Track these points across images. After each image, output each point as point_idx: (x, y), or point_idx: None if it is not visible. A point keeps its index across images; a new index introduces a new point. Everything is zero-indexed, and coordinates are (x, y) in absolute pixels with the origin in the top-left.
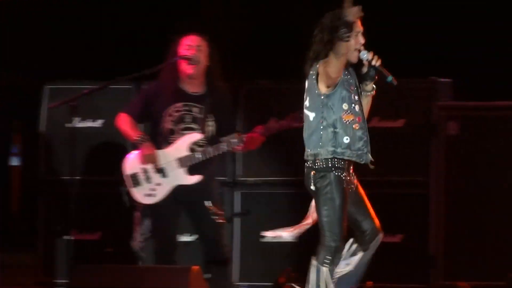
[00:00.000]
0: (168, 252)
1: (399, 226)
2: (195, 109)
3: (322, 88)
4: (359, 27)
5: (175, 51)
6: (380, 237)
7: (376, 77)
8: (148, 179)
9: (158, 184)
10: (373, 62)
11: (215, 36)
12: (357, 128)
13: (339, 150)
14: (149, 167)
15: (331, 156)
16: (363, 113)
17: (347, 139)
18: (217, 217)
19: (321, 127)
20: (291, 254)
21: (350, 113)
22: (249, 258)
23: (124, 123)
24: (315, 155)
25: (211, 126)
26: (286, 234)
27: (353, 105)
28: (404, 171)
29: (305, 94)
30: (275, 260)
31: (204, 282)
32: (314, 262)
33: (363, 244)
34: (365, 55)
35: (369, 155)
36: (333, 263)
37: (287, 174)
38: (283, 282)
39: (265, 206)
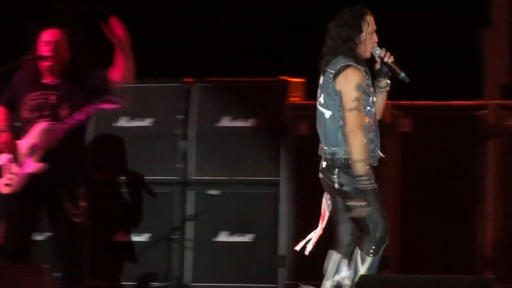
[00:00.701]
0: (22, 249)
1: (250, 226)
2: (51, 97)
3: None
4: (374, 24)
5: (34, 46)
6: (387, 242)
7: (390, 73)
8: (7, 168)
9: (14, 174)
10: (385, 59)
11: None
12: (372, 130)
13: None
14: (9, 156)
15: (347, 157)
16: (375, 114)
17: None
18: (72, 215)
19: (338, 126)
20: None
21: (366, 115)
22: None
23: None
24: (333, 154)
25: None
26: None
27: (369, 107)
28: (255, 171)
29: (319, 90)
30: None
31: (53, 282)
32: (359, 252)
33: (376, 247)
34: (378, 52)
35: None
36: (378, 253)
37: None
38: None
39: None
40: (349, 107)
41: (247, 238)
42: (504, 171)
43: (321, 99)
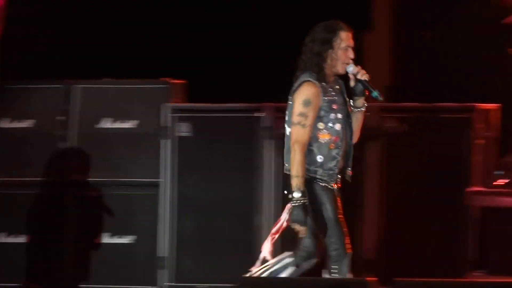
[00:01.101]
0: None
1: (130, 228)
2: None
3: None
4: (349, 41)
5: None
6: (314, 262)
7: (366, 93)
8: None
9: None
10: (359, 76)
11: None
12: (332, 147)
13: (312, 168)
14: None
15: (310, 175)
16: (347, 131)
17: (320, 158)
18: None
19: None
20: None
21: (326, 132)
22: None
23: None
24: (289, 171)
25: None
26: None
27: (330, 123)
28: (135, 172)
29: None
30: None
31: None
32: (323, 274)
33: (297, 258)
34: (351, 69)
35: (348, 170)
36: (342, 272)
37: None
38: None
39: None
40: (293, 121)
41: (127, 239)
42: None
43: (286, 117)
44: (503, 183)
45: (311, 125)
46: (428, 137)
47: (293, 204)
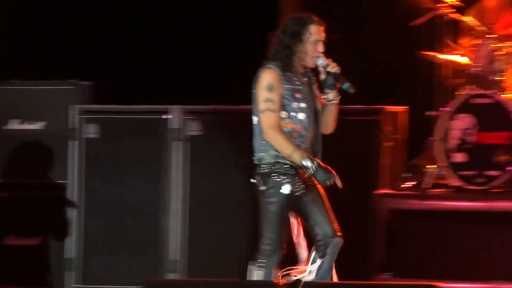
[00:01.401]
0: None
1: (38, 229)
2: None
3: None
4: (319, 35)
5: None
6: (337, 242)
7: (338, 85)
8: None
9: None
10: (329, 69)
11: None
12: (295, 136)
13: (274, 154)
14: None
15: (273, 161)
16: (314, 121)
17: None
18: None
19: (261, 131)
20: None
21: (289, 121)
22: None
23: None
24: (260, 159)
25: None
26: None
27: (293, 112)
28: (43, 174)
29: None
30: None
31: None
32: (250, 265)
33: (318, 251)
34: (321, 62)
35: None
36: (269, 267)
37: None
38: None
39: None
40: (260, 108)
41: (34, 241)
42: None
43: (253, 106)
44: (410, 185)
45: (279, 109)
46: (337, 139)
47: (312, 172)
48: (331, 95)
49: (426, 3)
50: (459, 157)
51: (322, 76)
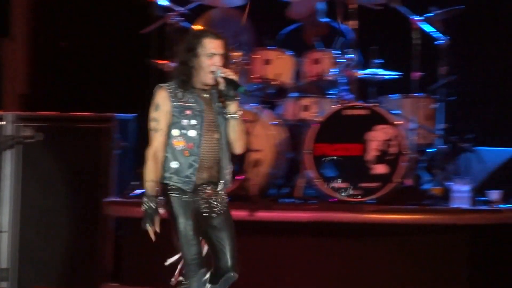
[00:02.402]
0: None
1: None
2: None
3: None
4: (214, 48)
5: None
6: (231, 276)
7: (237, 97)
8: None
9: None
10: (223, 75)
11: None
12: (187, 154)
13: (167, 175)
14: None
15: (164, 182)
16: (209, 139)
17: (176, 164)
18: None
19: None
20: None
21: (181, 140)
22: None
23: None
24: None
25: None
26: None
27: (184, 130)
28: None
29: None
30: None
31: None
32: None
33: (213, 277)
34: (218, 73)
35: (221, 183)
36: (192, 286)
37: None
38: None
39: None
40: (149, 127)
41: None
42: (21, 181)
43: None
44: (138, 193)
45: (164, 129)
46: (66, 147)
47: (143, 210)
48: (231, 108)
49: (156, 12)
50: None
51: (221, 87)
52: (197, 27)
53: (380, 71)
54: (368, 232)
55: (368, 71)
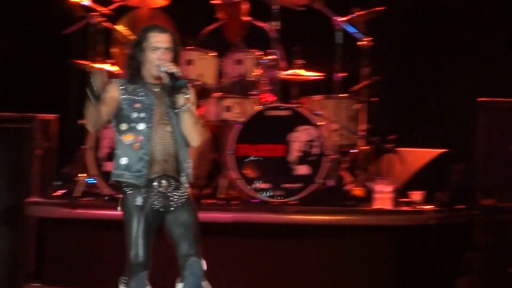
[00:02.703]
0: None
1: None
2: None
3: None
4: (158, 42)
5: None
6: (195, 260)
7: (183, 90)
8: None
9: None
10: (166, 69)
11: None
12: (137, 148)
13: (118, 172)
14: None
15: (117, 179)
16: (160, 133)
17: (125, 160)
18: None
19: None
20: None
21: (130, 134)
22: None
23: None
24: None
25: None
26: None
27: (133, 123)
28: None
29: None
30: None
31: None
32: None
33: (181, 271)
34: (162, 68)
35: (182, 176)
36: (130, 284)
37: None
38: None
39: None
40: None
41: None
42: None
43: None
44: (60, 193)
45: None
46: None
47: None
48: (179, 101)
49: (78, 11)
50: (110, 166)
51: (166, 80)
52: (120, 27)
53: (303, 72)
54: (290, 233)
55: (290, 71)
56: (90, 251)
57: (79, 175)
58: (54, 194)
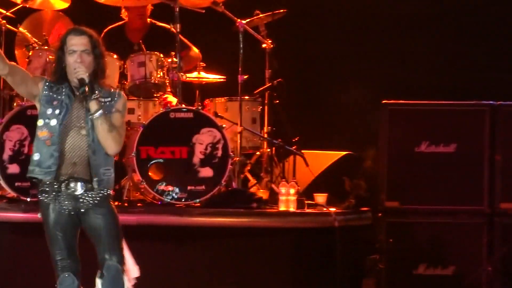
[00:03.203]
0: None
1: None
2: None
3: None
4: (74, 45)
5: None
6: (110, 265)
7: (92, 96)
8: None
9: None
10: (76, 75)
11: None
12: (49, 144)
13: (31, 168)
14: None
15: (29, 176)
16: (59, 128)
17: (37, 155)
18: None
19: None
20: None
21: (45, 130)
22: None
23: None
24: None
25: None
26: None
27: (47, 119)
28: None
29: None
30: None
31: None
32: None
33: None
34: (74, 71)
35: (95, 181)
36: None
37: None
38: None
39: None
40: None
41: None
42: None
43: None
44: None
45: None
46: None
47: None
48: (91, 107)
49: None
50: (14, 169)
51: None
52: (22, 29)
53: (204, 75)
54: (193, 235)
55: (193, 74)
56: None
57: None
58: None
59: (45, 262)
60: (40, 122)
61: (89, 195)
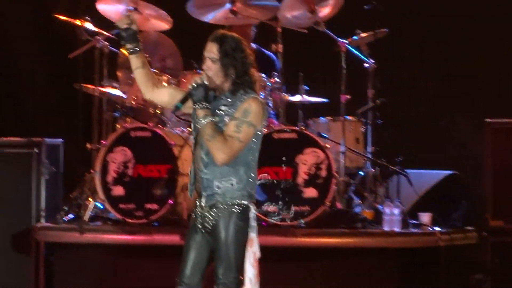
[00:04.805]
0: None
1: None
2: None
3: None
4: (205, 51)
5: None
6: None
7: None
8: None
9: None
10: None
11: None
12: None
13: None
14: None
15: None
16: (197, 149)
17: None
18: None
19: None
20: None
21: None
22: None
23: None
24: None
25: None
26: None
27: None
28: None
29: None
30: None
31: None
32: None
33: None
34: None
35: (203, 196)
36: None
37: None
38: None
39: None
40: None
41: None
42: None
43: None
44: (69, 218)
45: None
46: None
47: None
48: (199, 113)
49: (83, 36)
50: (118, 191)
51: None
52: (124, 51)
53: (307, 97)
54: (298, 256)
55: (296, 96)
56: (98, 276)
57: (87, 199)
58: (62, 218)
59: (148, 282)
60: None
61: (212, 212)
